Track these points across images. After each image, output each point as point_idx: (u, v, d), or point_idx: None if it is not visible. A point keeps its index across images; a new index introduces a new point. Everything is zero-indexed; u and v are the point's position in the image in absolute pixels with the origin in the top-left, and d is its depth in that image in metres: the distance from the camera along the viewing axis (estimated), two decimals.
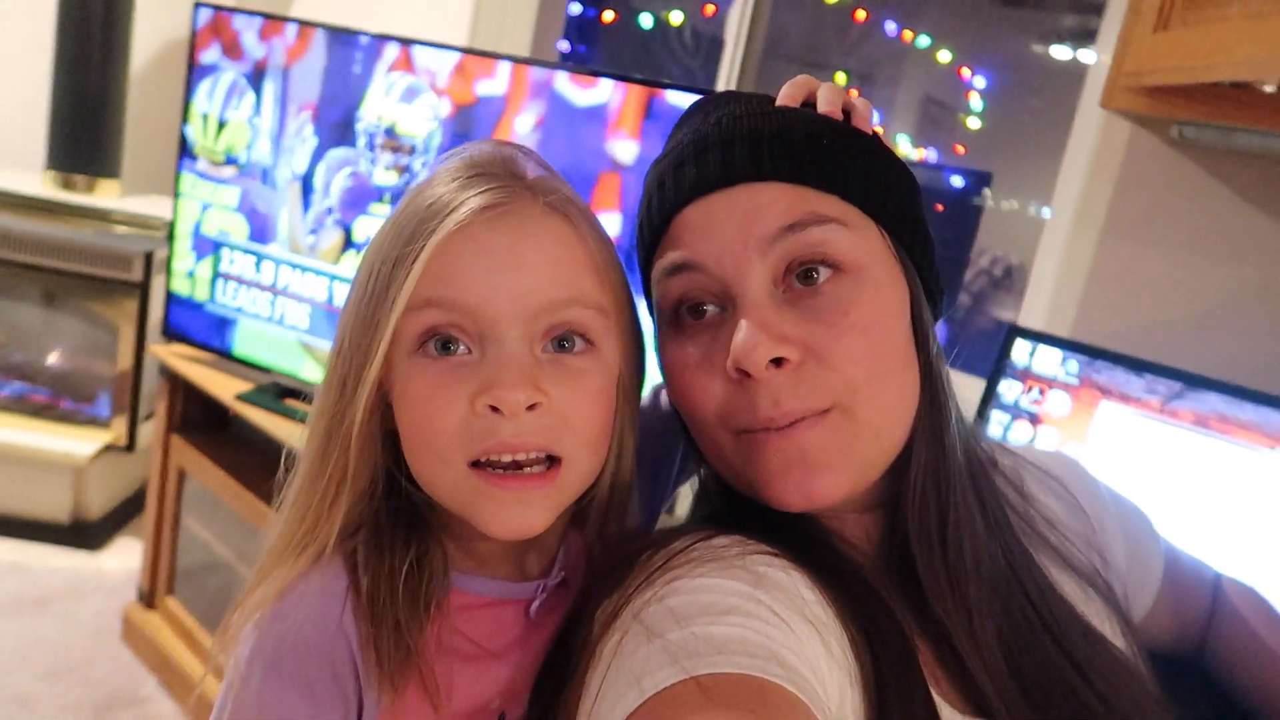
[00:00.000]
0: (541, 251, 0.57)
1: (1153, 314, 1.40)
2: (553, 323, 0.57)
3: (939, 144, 3.13)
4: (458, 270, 0.55)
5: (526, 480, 0.56)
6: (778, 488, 0.57)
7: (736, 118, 0.61)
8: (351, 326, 0.58)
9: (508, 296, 0.55)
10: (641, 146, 1.53)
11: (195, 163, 1.96)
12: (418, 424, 0.57)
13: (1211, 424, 1.13)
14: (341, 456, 0.58)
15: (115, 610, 2.26)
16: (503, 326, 0.56)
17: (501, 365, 0.55)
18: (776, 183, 0.58)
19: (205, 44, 1.92)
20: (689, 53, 3.08)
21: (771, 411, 0.56)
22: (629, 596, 0.54)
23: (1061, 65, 2.80)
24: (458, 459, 0.56)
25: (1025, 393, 1.27)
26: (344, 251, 1.81)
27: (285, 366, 1.91)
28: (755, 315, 0.56)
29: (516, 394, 0.54)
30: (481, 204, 0.56)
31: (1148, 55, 1.07)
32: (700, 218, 0.59)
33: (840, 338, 0.56)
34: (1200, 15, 1.01)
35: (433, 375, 0.56)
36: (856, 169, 0.59)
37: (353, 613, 0.57)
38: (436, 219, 0.55)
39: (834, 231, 0.57)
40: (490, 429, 0.55)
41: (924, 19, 3.06)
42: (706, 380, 0.59)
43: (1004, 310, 2.78)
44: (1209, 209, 1.35)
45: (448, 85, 1.69)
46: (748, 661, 0.46)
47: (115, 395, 2.55)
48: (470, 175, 0.58)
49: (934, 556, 0.60)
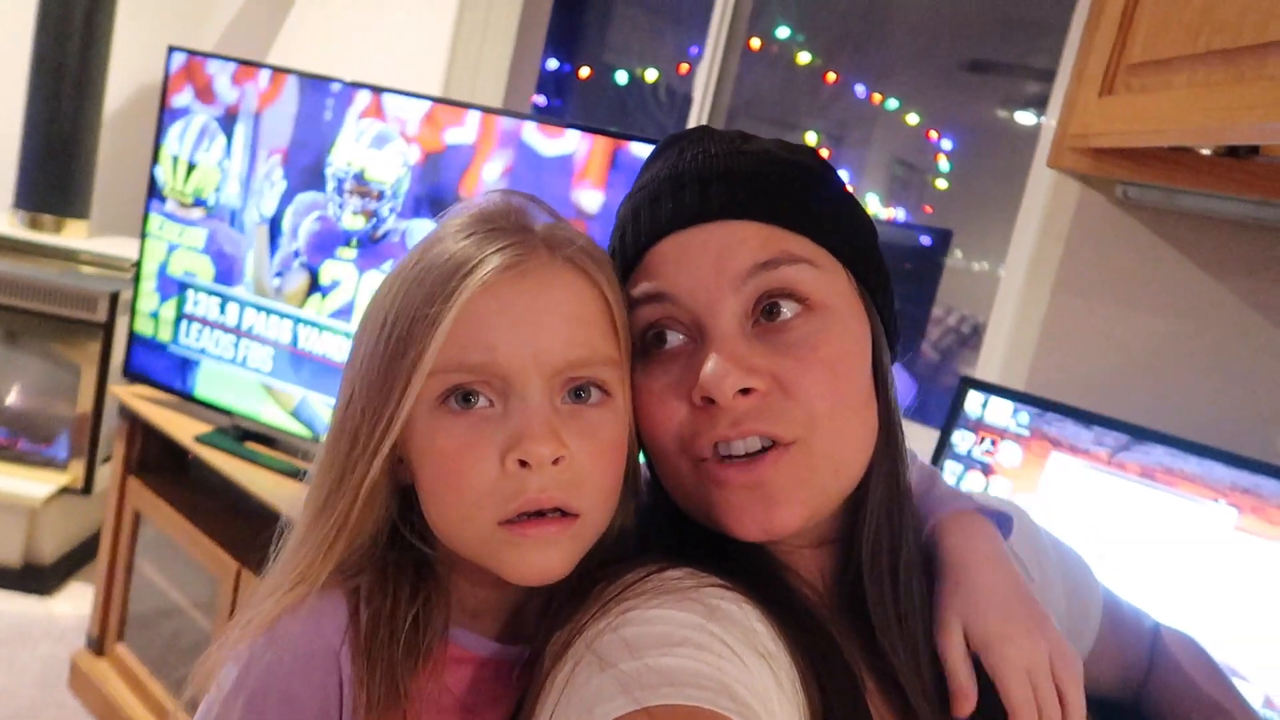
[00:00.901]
0: (561, 309, 0.57)
1: (1102, 367, 1.43)
2: (572, 376, 0.57)
3: (907, 204, 3.19)
4: (482, 330, 0.55)
5: (544, 525, 0.57)
6: (736, 519, 0.58)
7: (712, 155, 0.62)
8: (366, 383, 0.58)
9: (530, 352, 0.56)
10: (607, 196, 1.56)
11: (164, 204, 1.96)
12: (444, 481, 0.57)
13: (1157, 476, 1.15)
14: (345, 508, 0.58)
15: (63, 657, 2.21)
16: (526, 380, 0.56)
17: (527, 418, 0.55)
18: (750, 221, 0.60)
19: (178, 88, 1.94)
20: (663, 109, 3.13)
21: (729, 430, 0.57)
22: (582, 627, 0.54)
23: (1024, 130, 2.87)
24: (487, 517, 0.56)
25: (978, 443, 1.29)
26: (309, 294, 1.82)
27: (246, 409, 1.89)
28: (725, 347, 0.57)
29: (544, 447, 0.55)
30: (502, 263, 0.56)
31: (1094, 118, 1.10)
32: (675, 251, 0.60)
33: (807, 372, 0.57)
34: (1146, 82, 1.04)
35: (458, 432, 0.56)
36: (826, 211, 0.62)
37: (350, 647, 0.57)
38: (456, 278, 0.55)
39: (804, 271, 0.59)
40: (519, 486, 0.55)
41: (893, 82, 3.14)
42: (670, 407, 0.59)
43: (970, 367, 2.81)
44: (1155, 267, 1.38)
45: (418, 133, 1.72)
46: (699, 694, 0.47)
47: (74, 437, 2.52)
48: (486, 230, 0.58)
49: (884, 592, 0.61)
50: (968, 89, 3.16)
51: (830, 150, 3.06)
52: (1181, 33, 0.96)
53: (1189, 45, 0.95)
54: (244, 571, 1.76)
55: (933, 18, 2.67)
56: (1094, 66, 1.12)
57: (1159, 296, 1.39)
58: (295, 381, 1.84)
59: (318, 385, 1.82)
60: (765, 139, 0.66)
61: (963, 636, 0.60)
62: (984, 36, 2.77)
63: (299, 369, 1.84)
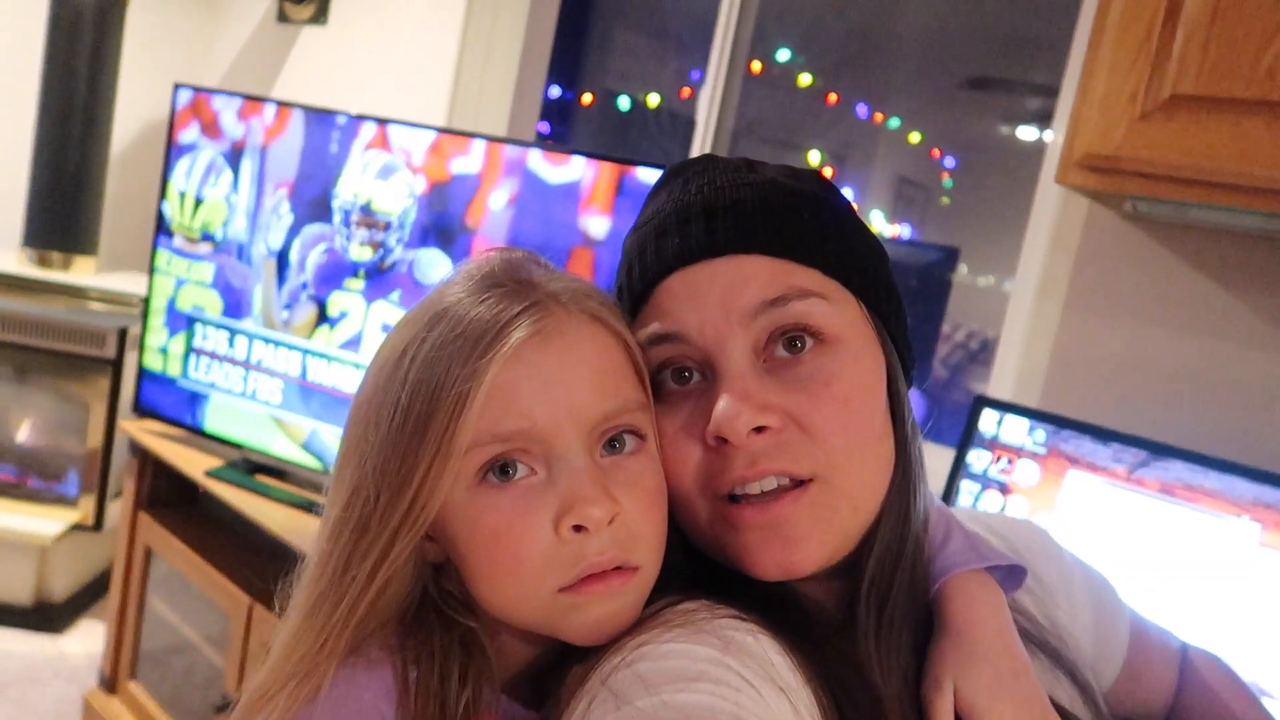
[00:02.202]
0: (589, 364, 0.56)
1: (1117, 384, 1.42)
2: (606, 428, 0.56)
3: (912, 220, 3.19)
4: (515, 399, 0.54)
5: (609, 580, 0.55)
6: (754, 559, 0.57)
7: (718, 188, 0.62)
8: (379, 468, 0.55)
9: (566, 411, 0.55)
10: (614, 222, 1.56)
11: (171, 239, 1.97)
12: (497, 560, 0.55)
13: (1177, 492, 1.14)
14: (357, 594, 0.55)
15: (75, 696, 2.19)
16: (566, 442, 0.55)
17: (576, 481, 0.54)
18: (758, 255, 0.59)
19: (184, 124, 1.95)
20: (665, 134, 3.15)
21: (746, 471, 0.56)
22: (596, 662, 0.53)
23: (1026, 145, 2.87)
24: (548, 587, 0.55)
25: (994, 462, 1.28)
26: (318, 326, 1.82)
27: (256, 442, 1.89)
28: (737, 385, 0.56)
29: (599, 510, 0.53)
30: (526, 332, 0.54)
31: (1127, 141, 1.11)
32: (683, 288, 0.59)
33: (822, 408, 0.57)
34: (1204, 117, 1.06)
35: (505, 506, 0.54)
36: (835, 242, 0.61)
37: (401, 715, 0.55)
38: (480, 349, 0.53)
39: (815, 305, 0.58)
40: (579, 552, 0.54)
41: (894, 102, 3.15)
42: (685, 448, 0.59)
43: (979, 383, 2.80)
44: (1166, 281, 1.38)
45: (423, 163, 1.72)
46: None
47: (84, 473, 2.51)
48: (498, 294, 0.56)
49: (869, 629, 0.60)
50: (969, 106, 3.17)
51: (834, 170, 3.07)
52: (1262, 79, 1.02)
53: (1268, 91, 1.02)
54: (256, 606, 1.75)
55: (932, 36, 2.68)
56: (1115, 88, 1.12)
57: (1171, 311, 1.38)
58: (305, 413, 1.84)
59: (328, 417, 1.81)
60: (771, 166, 0.65)
61: (952, 695, 0.58)
62: (983, 54, 2.78)
63: (309, 401, 1.83)
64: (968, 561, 0.66)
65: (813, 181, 0.64)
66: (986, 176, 2.97)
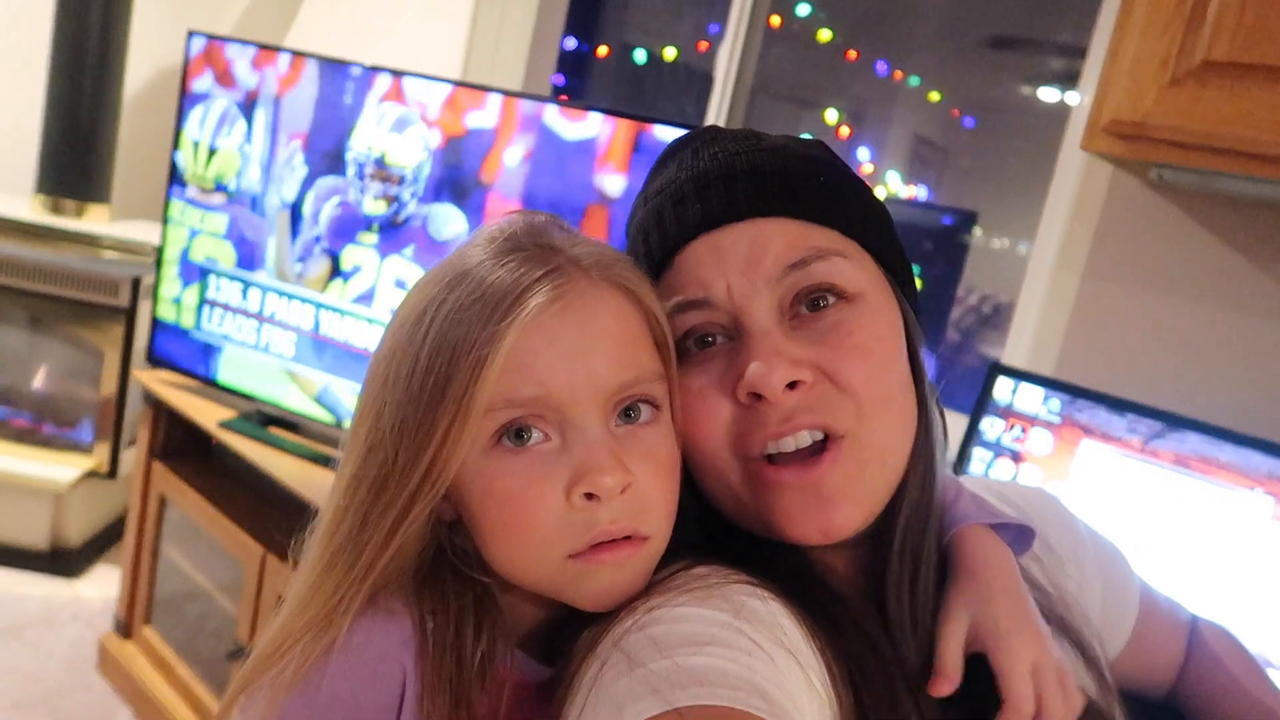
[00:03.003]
0: (608, 334, 0.56)
1: (1134, 354, 1.41)
2: (623, 397, 0.56)
3: (929, 182, 3.16)
4: (532, 364, 0.54)
5: (618, 549, 0.55)
6: (793, 522, 0.58)
7: (734, 154, 0.62)
8: (397, 428, 0.55)
9: (584, 380, 0.55)
10: (629, 180, 1.54)
11: (185, 189, 1.96)
12: (509, 523, 0.56)
13: (1192, 464, 1.13)
14: (375, 551, 0.56)
15: (91, 639, 2.23)
16: (582, 410, 0.55)
17: (591, 449, 0.54)
18: (780, 218, 0.60)
19: (198, 72, 1.93)
20: (681, 89, 3.11)
21: (781, 427, 0.57)
22: (608, 626, 0.54)
23: (1048, 107, 2.83)
24: (557, 553, 0.55)
25: (1007, 430, 1.27)
26: (331, 280, 1.82)
27: (270, 395, 1.90)
28: (768, 342, 0.57)
29: (611, 479, 0.54)
30: (547, 297, 0.54)
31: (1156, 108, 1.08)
32: (706, 253, 0.60)
33: (847, 358, 0.58)
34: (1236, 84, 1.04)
35: (518, 471, 0.55)
36: (851, 203, 0.62)
37: (418, 662, 0.56)
38: (499, 314, 0.53)
39: (836, 264, 0.59)
40: (590, 520, 0.54)
41: (914, 60, 3.10)
42: (715, 405, 0.59)
43: (991, 347, 2.79)
44: (1189, 251, 1.36)
45: (438, 117, 1.70)
46: (729, 694, 0.46)
47: (98, 421, 2.53)
48: (520, 259, 0.56)
49: (903, 586, 0.61)
50: (991, 66, 3.11)
51: (850, 129, 3.03)
52: None
53: None
54: (269, 556, 1.77)
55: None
56: (1146, 52, 1.09)
57: (1193, 281, 1.36)
58: (318, 367, 1.84)
59: (341, 370, 1.82)
60: (775, 136, 0.66)
61: (965, 627, 0.59)
62: (1007, 12, 2.73)
63: (321, 354, 1.84)
64: (977, 517, 0.67)
65: (820, 149, 0.65)
66: (1006, 138, 2.93)
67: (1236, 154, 1.06)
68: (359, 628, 0.56)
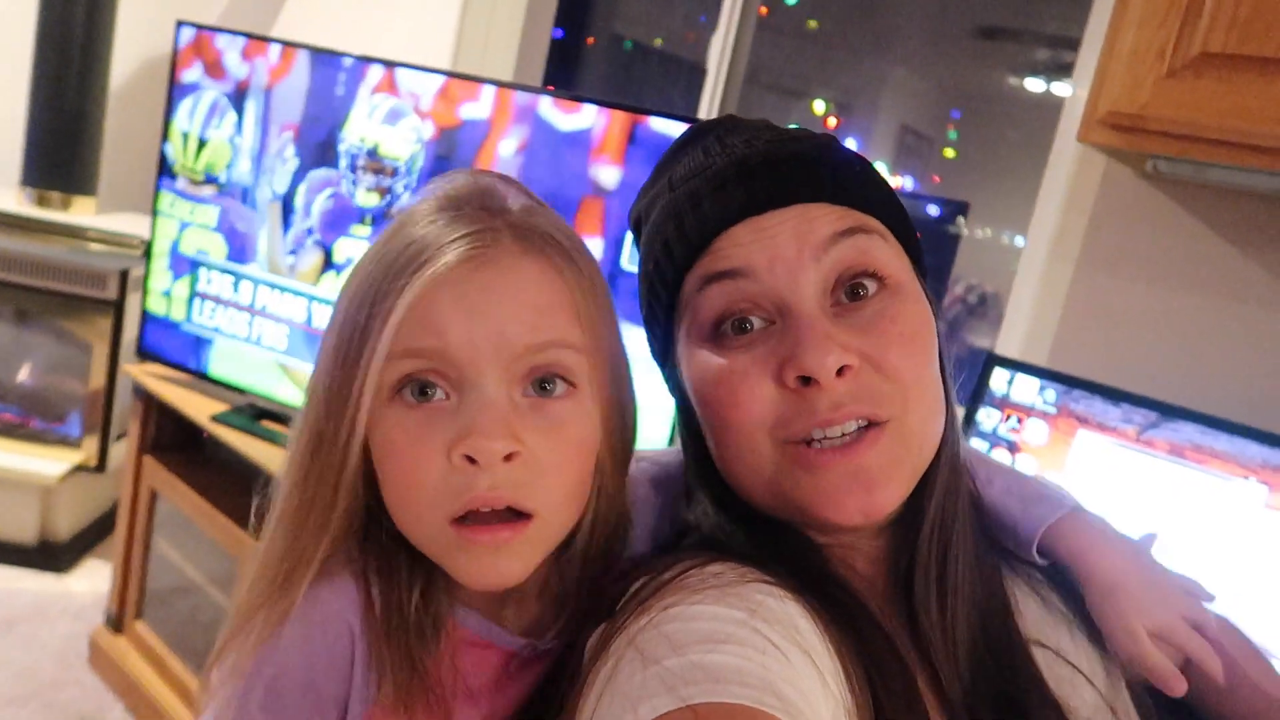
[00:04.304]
0: (520, 295, 0.55)
1: (1129, 344, 1.42)
2: (533, 365, 0.55)
3: (915, 172, 3.17)
4: (435, 316, 0.54)
5: (497, 530, 0.54)
6: (835, 504, 0.58)
7: (771, 141, 0.63)
8: (329, 376, 0.56)
9: (486, 339, 0.54)
10: (625, 172, 1.54)
11: (174, 181, 1.95)
12: (396, 477, 0.56)
13: (1187, 454, 1.15)
14: (325, 508, 0.57)
15: (82, 634, 2.22)
16: (480, 370, 0.54)
17: (479, 411, 0.53)
18: (823, 203, 0.60)
19: (187, 63, 1.91)
20: (670, 78, 3.10)
21: (831, 414, 0.57)
22: (623, 623, 0.54)
23: (1035, 97, 2.84)
24: (437, 515, 0.54)
25: (1004, 421, 1.28)
26: (324, 272, 1.81)
27: (262, 388, 1.89)
28: (819, 326, 0.57)
29: (493, 443, 0.53)
30: (462, 255, 0.54)
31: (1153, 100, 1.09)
32: (750, 234, 0.60)
33: (893, 346, 0.58)
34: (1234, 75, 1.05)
35: (410, 425, 0.54)
36: (885, 192, 0.64)
37: (365, 628, 0.57)
38: (412, 267, 0.54)
39: (878, 244, 0.60)
40: (468, 483, 0.53)
41: (902, 50, 3.10)
42: (755, 386, 0.58)
43: (979, 337, 2.80)
44: (1183, 242, 1.37)
45: (431, 108, 1.69)
46: (744, 692, 0.46)
47: (86, 415, 2.51)
48: (451, 216, 0.56)
49: (930, 572, 0.61)
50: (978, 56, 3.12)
51: (838, 120, 3.03)
52: None
53: None
54: None
55: None
56: (1143, 44, 1.10)
57: (1186, 271, 1.37)
58: (310, 360, 1.83)
59: None
60: (792, 128, 0.66)
61: (1148, 636, 0.64)
62: (995, 3, 2.73)
63: (314, 347, 1.82)
64: (1051, 511, 0.68)
65: (837, 140, 0.65)
66: (993, 129, 2.93)
67: (1231, 145, 1.07)
68: (308, 596, 0.57)
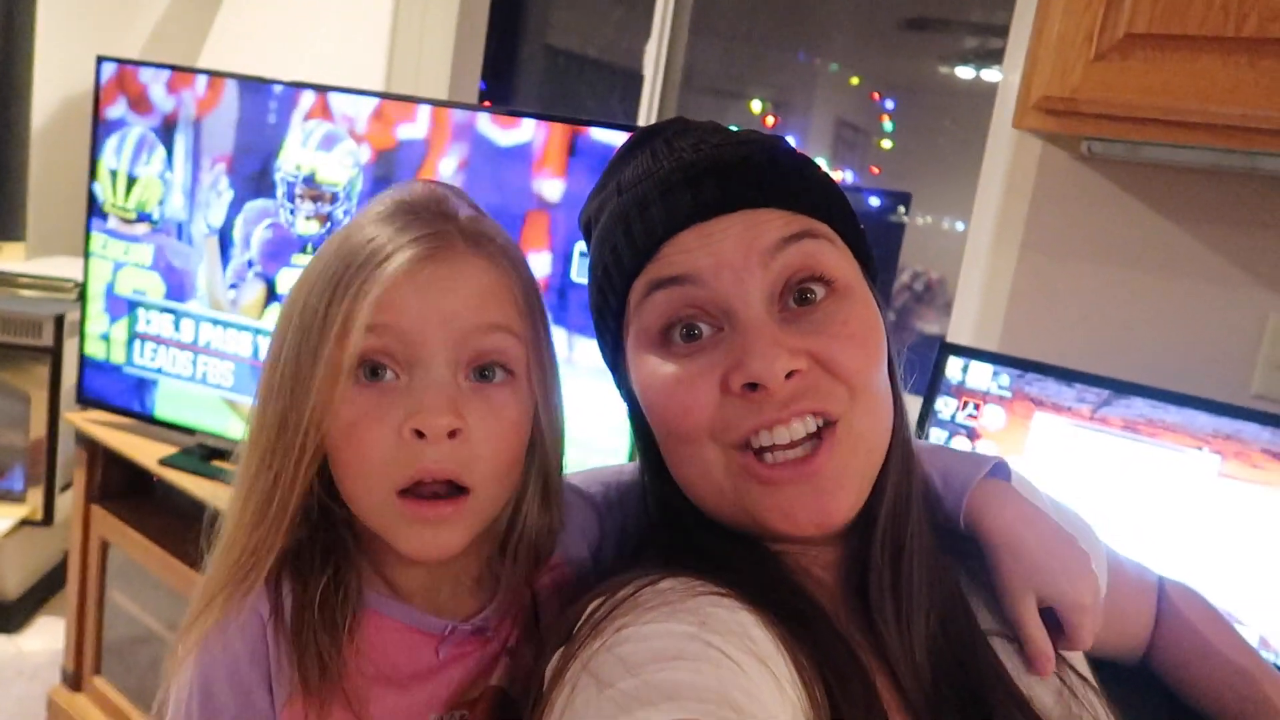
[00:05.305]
0: (469, 284, 0.60)
1: (1075, 324, 1.44)
2: (478, 349, 0.60)
3: (853, 165, 3.20)
4: (391, 298, 0.58)
5: (439, 507, 0.59)
6: (787, 515, 0.58)
7: (718, 146, 0.62)
8: (292, 364, 0.59)
9: (437, 319, 0.58)
10: (568, 184, 1.53)
11: (105, 221, 1.89)
12: (348, 451, 0.59)
13: (1140, 428, 1.16)
14: (286, 492, 0.59)
15: (38, 695, 2.15)
16: (430, 350, 0.58)
17: (427, 390, 0.58)
18: (771, 209, 0.60)
19: (111, 99, 1.86)
20: (606, 86, 3.10)
21: (778, 414, 0.56)
22: (578, 648, 0.53)
23: (965, 85, 2.88)
24: (385, 486, 0.58)
25: (961, 408, 1.29)
26: (267, 305, 1.77)
27: (210, 427, 1.84)
28: (765, 332, 0.57)
29: (439, 419, 0.57)
30: (417, 253, 0.58)
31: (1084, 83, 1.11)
32: (697, 240, 0.59)
33: (844, 347, 0.58)
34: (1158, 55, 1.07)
35: (362, 402, 0.58)
36: (833, 197, 0.63)
37: (273, 635, 0.60)
38: (374, 262, 0.58)
39: (825, 247, 0.60)
40: (415, 455, 0.58)
41: (832, 46, 3.13)
42: (700, 392, 0.58)
43: (927, 324, 2.84)
44: (1121, 220, 1.39)
45: (367, 131, 1.67)
46: (700, 707, 0.46)
47: (29, 467, 2.43)
48: (407, 219, 0.60)
49: (883, 574, 0.61)
50: (906, 48, 3.16)
51: (775, 119, 3.05)
52: (1216, 14, 1.02)
53: (1222, 27, 1.01)
54: None
55: None
56: (1070, 29, 1.12)
57: (1126, 249, 1.40)
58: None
59: None
60: (739, 129, 0.66)
61: (1033, 603, 0.63)
62: None
63: None
64: (971, 475, 0.69)
65: (785, 142, 0.65)
66: (927, 118, 2.97)
67: (1162, 123, 1.09)
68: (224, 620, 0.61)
